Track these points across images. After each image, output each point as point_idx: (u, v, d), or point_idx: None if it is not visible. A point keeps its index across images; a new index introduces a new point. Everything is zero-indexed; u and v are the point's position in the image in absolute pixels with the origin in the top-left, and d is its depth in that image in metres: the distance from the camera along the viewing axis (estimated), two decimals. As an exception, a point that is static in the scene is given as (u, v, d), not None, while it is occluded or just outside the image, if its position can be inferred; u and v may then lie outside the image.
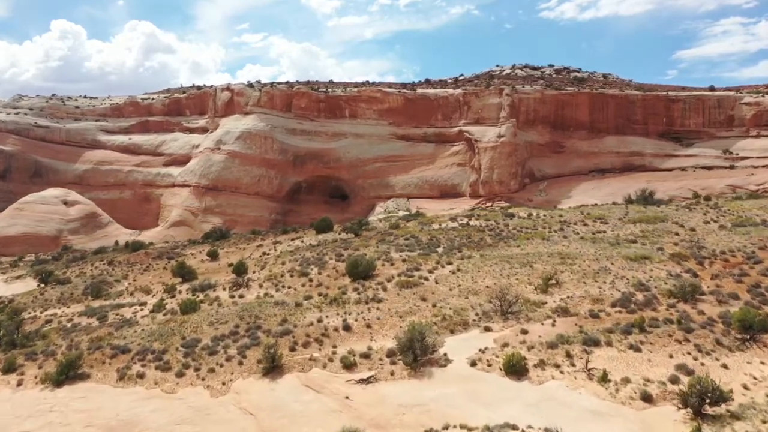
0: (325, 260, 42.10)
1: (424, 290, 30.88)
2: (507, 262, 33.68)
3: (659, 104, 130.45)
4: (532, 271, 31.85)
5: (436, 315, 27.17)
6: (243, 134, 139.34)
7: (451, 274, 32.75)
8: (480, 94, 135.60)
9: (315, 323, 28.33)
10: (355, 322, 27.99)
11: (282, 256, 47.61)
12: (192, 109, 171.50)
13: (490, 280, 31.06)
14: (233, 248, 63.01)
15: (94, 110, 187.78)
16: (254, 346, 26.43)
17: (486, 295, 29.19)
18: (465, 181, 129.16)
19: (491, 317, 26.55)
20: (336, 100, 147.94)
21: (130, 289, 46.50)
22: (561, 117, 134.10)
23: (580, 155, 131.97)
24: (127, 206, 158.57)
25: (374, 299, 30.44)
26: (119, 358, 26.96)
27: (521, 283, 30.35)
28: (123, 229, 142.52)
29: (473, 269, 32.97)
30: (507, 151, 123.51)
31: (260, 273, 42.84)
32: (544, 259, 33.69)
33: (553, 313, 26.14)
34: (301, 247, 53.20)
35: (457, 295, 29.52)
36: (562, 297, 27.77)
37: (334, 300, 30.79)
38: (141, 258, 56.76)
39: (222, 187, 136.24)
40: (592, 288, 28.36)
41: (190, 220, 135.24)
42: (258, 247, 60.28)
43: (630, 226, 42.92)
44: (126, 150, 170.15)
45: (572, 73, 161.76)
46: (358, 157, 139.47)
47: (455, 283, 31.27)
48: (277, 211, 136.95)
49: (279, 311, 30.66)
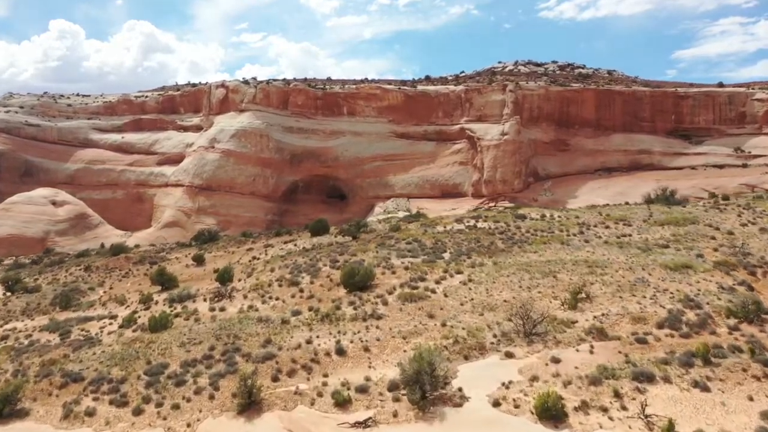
0: (319, 267, 37.80)
1: (430, 305, 26.56)
2: (526, 271, 29.34)
3: (667, 101, 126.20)
4: (557, 282, 27.51)
5: (447, 336, 22.86)
6: (238, 132, 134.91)
7: (462, 286, 28.38)
8: (482, 91, 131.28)
9: (303, 345, 24.03)
10: (350, 344, 23.70)
11: (272, 261, 43.28)
12: (186, 106, 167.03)
13: (508, 292, 26.73)
14: (222, 252, 58.68)
15: (86, 108, 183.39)
16: (230, 374, 22.17)
17: (504, 311, 24.86)
18: (467, 181, 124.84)
19: (512, 339, 22.24)
20: (334, 98, 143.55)
21: (104, 298, 42.18)
22: (566, 114, 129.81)
23: (585, 153, 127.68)
24: (120, 206, 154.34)
25: (373, 315, 26.13)
26: (69, 388, 22.66)
27: (545, 296, 26.02)
28: (114, 231, 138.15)
29: (487, 279, 28.64)
30: (510, 149, 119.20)
31: (246, 281, 38.53)
32: (568, 268, 29.35)
33: (587, 335, 21.84)
34: (294, 252, 48.90)
35: (470, 312, 25.19)
36: (596, 315, 23.45)
37: (327, 316, 26.48)
38: (121, 263, 52.41)
39: (216, 187, 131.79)
40: (630, 304, 24.06)
41: (183, 221, 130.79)
42: (248, 251, 55.94)
43: (657, 229, 38.67)
44: (119, 149, 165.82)
45: (576, 70, 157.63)
46: (357, 155, 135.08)
47: (467, 297, 26.94)
48: (273, 212, 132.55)
49: (262, 329, 26.35)
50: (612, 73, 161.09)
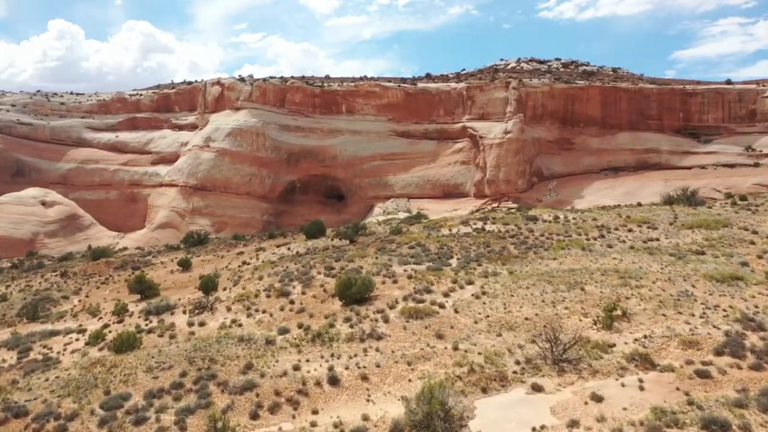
0: (312, 275, 34.10)
1: (439, 322, 22.84)
2: (547, 281, 25.60)
3: (675, 98, 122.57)
4: (585, 295, 23.78)
5: (460, 363, 19.14)
6: (233, 131, 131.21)
7: (475, 299, 24.63)
8: (485, 88, 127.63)
9: (290, 372, 20.34)
10: (345, 371, 20.01)
11: (261, 268, 39.56)
12: (181, 105, 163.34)
13: (530, 308, 23.01)
14: (211, 256, 55.04)
15: (79, 107, 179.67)
16: (201, 408, 18.50)
17: (527, 331, 21.14)
18: (469, 180, 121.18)
19: (539, 367, 18.55)
20: (332, 95, 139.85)
21: (76, 309, 38.49)
22: (571, 112, 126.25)
23: (591, 153, 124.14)
24: (113, 207, 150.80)
25: (372, 335, 22.42)
26: (9, 425, 18.96)
27: (573, 313, 22.30)
28: (106, 232, 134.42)
29: (504, 292, 24.92)
30: (514, 148, 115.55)
31: (232, 290, 34.84)
32: (596, 279, 25.61)
33: (628, 362, 18.14)
34: (287, 256, 45.22)
35: (485, 332, 21.47)
36: (637, 337, 19.76)
37: (318, 336, 22.76)
38: (100, 269, 48.71)
39: (211, 187, 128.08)
40: (676, 323, 20.38)
41: (177, 222, 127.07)
42: (238, 255, 52.31)
43: (687, 233, 35.01)
44: (112, 148, 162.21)
45: (581, 67, 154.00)
46: (356, 155, 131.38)
47: (481, 313, 23.22)
48: (269, 213, 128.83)
49: (243, 351, 22.65)
50: (617, 70, 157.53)
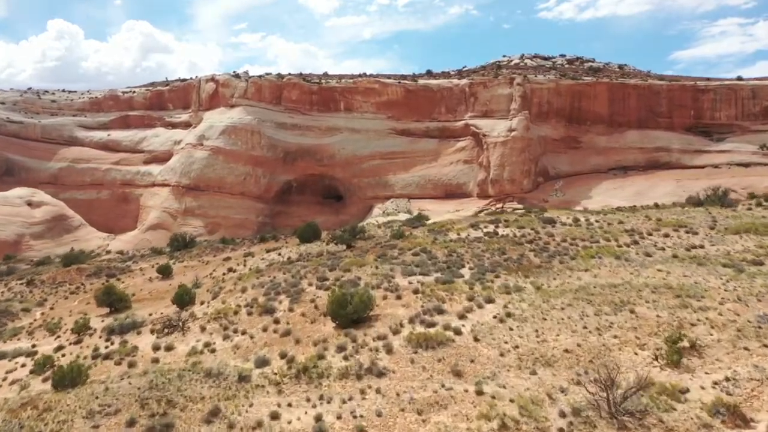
0: (302, 287, 29.53)
1: (455, 354, 18.27)
2: (586, 301, 21.02)
3: (686, 95, 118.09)
4: (637, 320, 19.20)
5: (487, 415, 14.59)
6: (228, 129, 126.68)
7: (499, 323, 19.99)
8: (488, 85, 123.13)
9: (266, 422, 15.81)
10: (336, 422, 15.49)
11: (246, 277, 34.98)
12: (175, 102, 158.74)
13: (568, 336, 18.45)
14: (195, 262, 50.46)
15: (71, 105, 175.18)
16: (146, 476, 13.94)
17: (568, 368, 16.60)
18: (472, 180, 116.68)
19: (593, 422, 14.00)
20: (330, 92, 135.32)
21: (36, 324, 33.90)
22: (577, 109, 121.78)
23: (598, 151, 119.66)
24: (105, 207, 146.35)
25: (372, 370, 17.84)
26: None
27: (625, 344, 17.72)
28: (96, 233, 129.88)
29: (533, 314, 20.34)
30: (519, 146, 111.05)
31: (210, 305, 30.26)
32: (646, 297, 21.06)
33: (712, 417, 13.65)
34: (276, 263, 40.66)
35: (515, 368, 16.93)
36: (716, 379, 15.26)
37: (305, 370, 18.17)
38: (71, 276, 44.16)
39: (204, 187, 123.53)
40: (764, 360, 15.96)
41: (169, 223, 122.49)
42: (224, 261, 47.74)
43: (735, 239, 30.54)
44: (104, 147, 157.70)
45: (586, 63, 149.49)
46: (354, 153, 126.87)
47: (508, 342, 18.64)
48: (264, 213, 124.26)
49: (210, 390, 18.07)
50: (623, 67, 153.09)
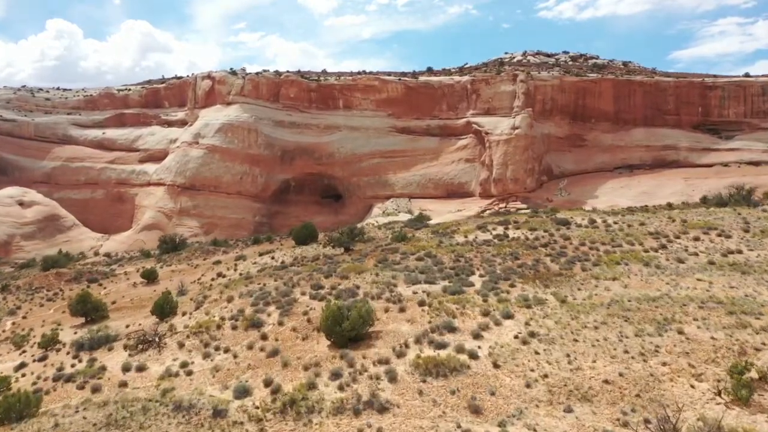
0: (294, 296, 26.65)
1: (472, 384, 15.39)
2: (623, 318, 18.03)
3: (693, 92, 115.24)
4: (688, 343, 16.14)
5: (513, 468, 11.72)
6: (224, 126, 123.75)
7: (521, 345, 16.87)
8: (490, 81, 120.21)
9: (241, 472, 12.91)
10: (327, 474, 12.58)
11: (233, 285, 32.10)
12: (171, 100, 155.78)
13: (607, 362, 15.51)
14: (184, 265, 47.57)
15: (66, 103, 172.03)
16: None
17: (611, 403, 13.72)
18: (474, 179, 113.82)
19: (646, 480, 11.14)
20: (329, 89, 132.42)
21: (4, 335, 31.02)
22: (582, 107, 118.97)
23: (603, 150, 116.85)
24: (100, 207, 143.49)
25: (372, 404, 14.96)
26: None
27: (677, 373, 14.74)
28: (90, 233, 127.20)
29: (562, 333, 17.37)
30: (522, 144, 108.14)
31: (192, 316, 27.37)
32: (693, 314, 18.05)
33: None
34: (269, 268, 37.78)
35: (546, 402, 14.05)
36: (794, 422, 12.51)
37: (292, 403, 15.29)
38: (49, 281, 41.29)
39: (200, 186, 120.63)
40: None
41: (164, 223, 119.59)
42: (215, 265, 44.85)
43: (772, 243, 27.84)
44: (99, 145, 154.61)
45: (590, 60, 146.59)
46: (354, 152, 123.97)
47: (535, 370, 15.63)
48: (261, 213, 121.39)
49: (178, 429, 15.18)
50: (627, 64, 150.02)
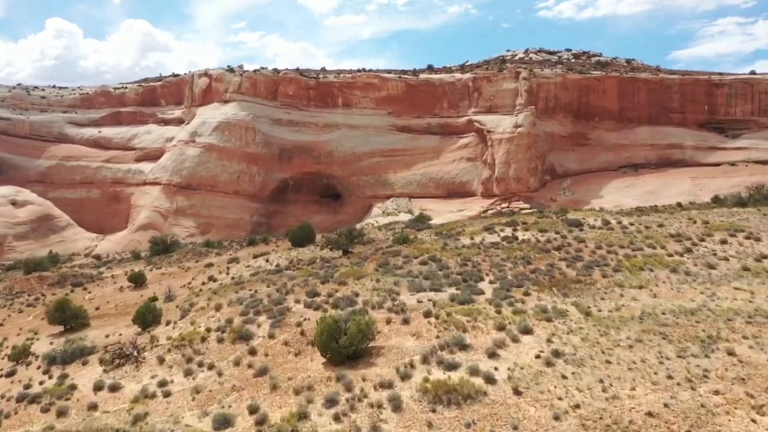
0: (287, 305, 24.45)
1: (490, 416, 13.17)
2: (661, 335, 15.56)
3: (699, 90, 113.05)
4: (741, 366, 13.75)
5: None
6: (221, 125, 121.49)
7: (546, 367, 14.48)
8: (492, 79, 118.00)
9: None
10: None
11: (223, 291, 29.90)
12: (168, 98, 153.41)
13: (647, 389, 13.23)
14: (175, 268, 45.37)
15: (62, 101, 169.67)
16: None
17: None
18: (476, 178, 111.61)
19: None
20: (328, 87, 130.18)
21: (-25, 345, 28.80)
22: (585, 104, 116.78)
23: (607, 148, 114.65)
24: (95, 207, 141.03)
25: (371, 438, 12.75)
26: None
27: (733, 404, 12.26)
28: (84, 233, 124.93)
29: (591, 352, 15.07)
30: (525, 143, 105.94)
31: (176, 326, 25.15)
32: (741, 329, 15.55)
33: None
34: (262, 272, 35.57)
35: (575, 440, 11.92)
36: None
37: (278, 436, 13.08)
38: (31, 285, 39.07)
39: (196, 185, 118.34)
40: None
41: (159, 223, 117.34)
42: (206, 268, 42.64)
43: (807, 246, 25.67)
44: (95, 144, 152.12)
45: (593, 58, 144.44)
46: (353, 151, 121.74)
47: (564, 398, 13.32)
48: (259, 213, 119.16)
49: (146, 465, 12.97)
50: (631, 62, 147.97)
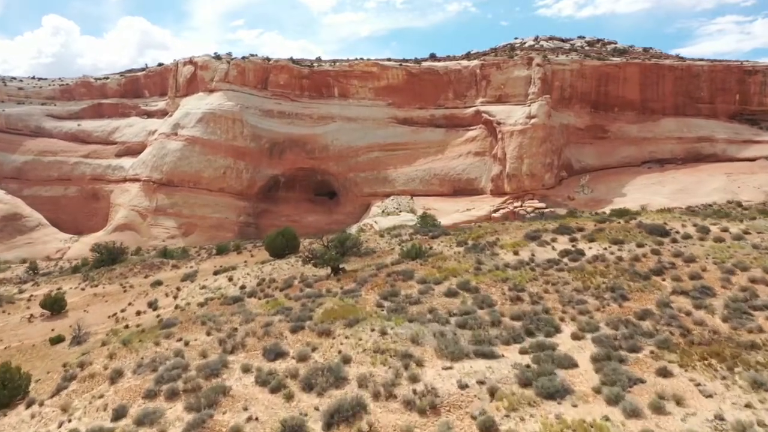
0: (227, 378, 14.17)
1: None
2: None
3: (731, 77, 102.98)
4: None
5: None
6: (205, 116, 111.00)
7: None
8: (502, 66, 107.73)
9: None
10: None
11: (136, 341, 19.58)
12: (152, 88, 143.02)
13: None
14: (115, 285, 35.05)
15: (40, 92, 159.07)
16: None
17: None
18: (485, 174, 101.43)
19: None
20: (323, 76, 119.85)
21: None
22: (604, 94, 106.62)
23: (629, 142, 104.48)
24: (73, 205, 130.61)
25: None
26: None
27: None
28: (57, 235, 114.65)
29: None
30: (540, 135, 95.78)
31: (39, 414, 14.84)
32: None
33: None
34: (217, 298, 25.25)
35: None
36: None
37: None
38: None
39: (178, 182, 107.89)
40: None
41: (137, 223, 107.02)
42: (153, 287, 32.33)
43: None
44: (74, 138, 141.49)
45: (608, 45, 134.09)
46: (350, 145, 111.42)
47: None
48: (247, 212, 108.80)
49: None
50: (648, 50, 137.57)
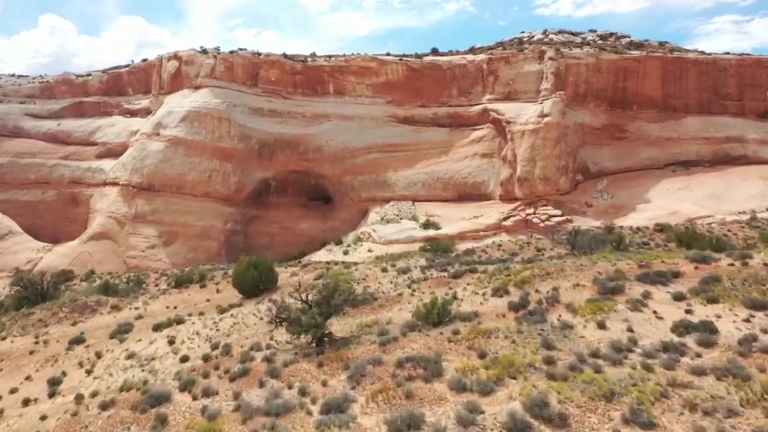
0: None
1: None
2: None
3: (762, 72, 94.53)
4: None
5: None
6: (190, 114, 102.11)
7: None
8: (511, 60, 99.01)
9: None
10: None
11: None
12: (135, 86, 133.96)
13: None
14: (29, 339, 26.36)
15: (19, 90, 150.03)
16: None
17: None
18: (493, 178, 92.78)
19: None
20: (317, 72, 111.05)
21: None
22: (622, 91, 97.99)
23: (650, 142, 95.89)
24: (51, 210, 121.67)
25: None
26: None
27: None
28: (30, 243, 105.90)
29: None
30: (553, 136, 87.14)
31: None
32: None
33: None
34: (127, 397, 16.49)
35: None
36: None
37: None
38: None
39: (159, 186, 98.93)
40: None
41: (115, 232, 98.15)
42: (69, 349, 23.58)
43: None
44: (53, 138, 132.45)
45: (622, 39, 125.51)
46: (346, 145, 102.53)
47: None
48: (234, 219, 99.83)
49: None
50: (664, 44, 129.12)
